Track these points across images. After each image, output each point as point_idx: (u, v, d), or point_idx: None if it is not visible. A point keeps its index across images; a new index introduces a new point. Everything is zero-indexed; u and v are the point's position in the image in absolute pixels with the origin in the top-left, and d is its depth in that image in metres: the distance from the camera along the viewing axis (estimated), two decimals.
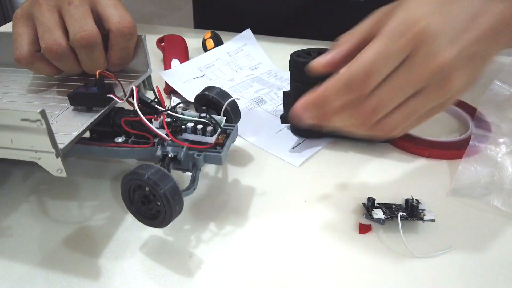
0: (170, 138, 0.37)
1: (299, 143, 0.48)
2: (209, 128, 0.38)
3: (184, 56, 0.63)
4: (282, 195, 0.43)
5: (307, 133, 0.48)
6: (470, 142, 0.47)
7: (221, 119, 0.40)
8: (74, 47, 0.42)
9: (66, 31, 0.42)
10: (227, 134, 0.40)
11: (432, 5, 0.31)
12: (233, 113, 0.43)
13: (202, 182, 0.43)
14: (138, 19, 0.81)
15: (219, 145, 0.39)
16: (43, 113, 0.30)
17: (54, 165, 0.33)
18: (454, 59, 0.31)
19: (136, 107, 0.38)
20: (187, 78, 0.57)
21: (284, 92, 0.47)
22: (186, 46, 0.65)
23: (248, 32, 0.67)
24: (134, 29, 0.43)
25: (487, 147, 0.47)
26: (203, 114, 0.40)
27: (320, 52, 0.44)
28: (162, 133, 0.37)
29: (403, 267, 0.36)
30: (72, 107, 0.41)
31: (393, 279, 0.35)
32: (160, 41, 0.66)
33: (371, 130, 0.35)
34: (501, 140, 0.47)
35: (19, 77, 0.47)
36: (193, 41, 0.67)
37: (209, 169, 0.46)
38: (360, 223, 0.39)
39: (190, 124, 0.38)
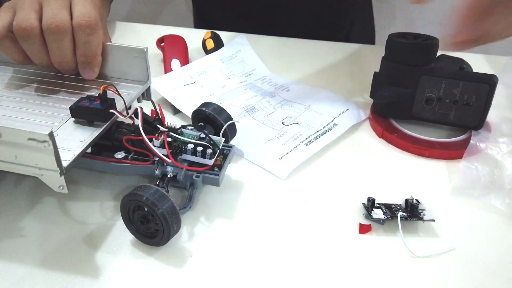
0: (171, 161, 0.38)
1: (288, 152, 0.47)
2: (209, 151, 0.39)
3: (184, 56, 0.63)
4: (282, 195, 0.43)
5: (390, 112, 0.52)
6: (471, 142, 0.47)
7: (220, 140, 0.40)
8: (44, 31, 0.43)
9: (41, 19, 0.43)
10: (224, 155, 0.41)
11: None
12: (230, 132, 0.44)
13: None
14: (138, 19, 0.81)
15: (217, 166, 0.40)
16: (51, 135, 0.31)
17: (56, 182, 0.34)
18: None
19: (142, 131, 0.38)
20: (177, 85, 0.56)
21: (375, 73, 0.51)
22: (186, 46, 0.65)
23: (242, 38, 0.66)
24: (94, 24, 0.44)
25: (488, 146, 0.47)
26: (202, 135, 0.40)
27: (416, 36, 0.48)
28: (163, 154, 0.38)
29: (403, 267, 0.36)
30: (72, 118, 0.40)
31: (393, 279, 0.35)
32: (160, 41, 0.66)
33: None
34: (501, 139, 0.48)
35: (16, 76, 0.47)
36: (193, 41, 0.67)
37: None
38: (360, 223, 0.39)
39: (190, 146, 0.39)
